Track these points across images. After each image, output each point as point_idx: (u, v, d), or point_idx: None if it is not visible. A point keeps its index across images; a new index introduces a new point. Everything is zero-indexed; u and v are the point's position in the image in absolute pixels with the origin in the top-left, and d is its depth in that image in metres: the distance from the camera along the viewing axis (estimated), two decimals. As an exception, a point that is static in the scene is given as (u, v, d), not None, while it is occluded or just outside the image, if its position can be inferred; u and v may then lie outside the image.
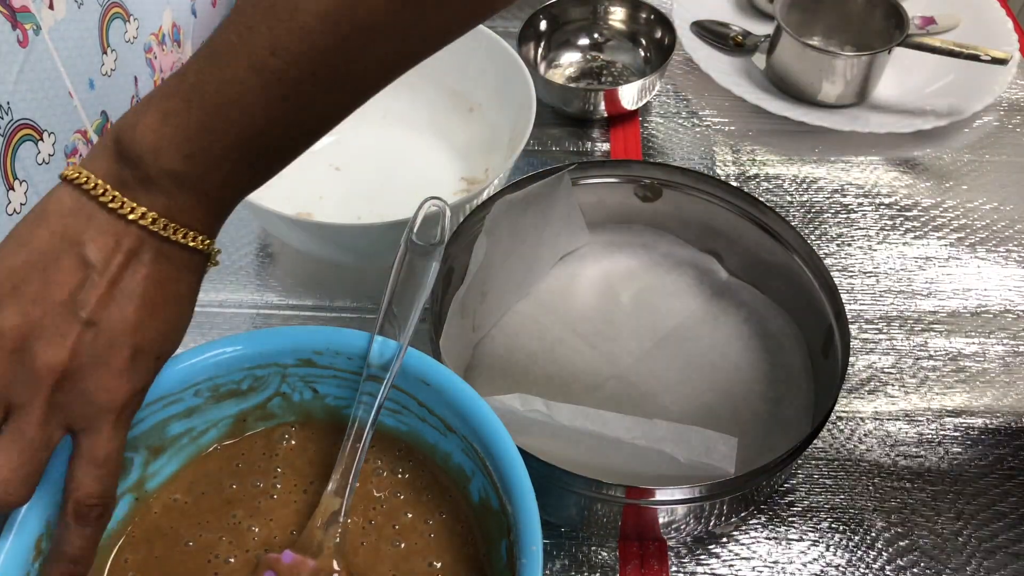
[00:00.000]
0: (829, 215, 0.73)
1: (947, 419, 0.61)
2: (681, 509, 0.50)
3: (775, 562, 0.54)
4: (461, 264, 0.58)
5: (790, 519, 0.56)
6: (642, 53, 0.84)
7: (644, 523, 0.52)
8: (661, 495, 0.48)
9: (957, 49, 0.77)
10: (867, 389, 0.62)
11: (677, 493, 0.48)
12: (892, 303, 0.67)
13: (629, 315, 0.63)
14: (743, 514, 0.55)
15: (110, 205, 0.37)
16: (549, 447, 0.49)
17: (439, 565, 0.45)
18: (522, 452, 0.45)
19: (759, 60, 0.83)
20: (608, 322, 0.63)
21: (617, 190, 0.64)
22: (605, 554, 0.54)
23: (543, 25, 0.83)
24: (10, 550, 0.38)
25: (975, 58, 0.77)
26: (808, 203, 0.74)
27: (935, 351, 0.64)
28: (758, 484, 0.50)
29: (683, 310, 0.63)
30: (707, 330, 0.62)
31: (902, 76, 0.82)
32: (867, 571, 0.54)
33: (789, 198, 0.74)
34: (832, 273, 0.57)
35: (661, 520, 0.51)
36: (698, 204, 0.63)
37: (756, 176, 0.76)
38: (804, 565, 0.54)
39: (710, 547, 0.55)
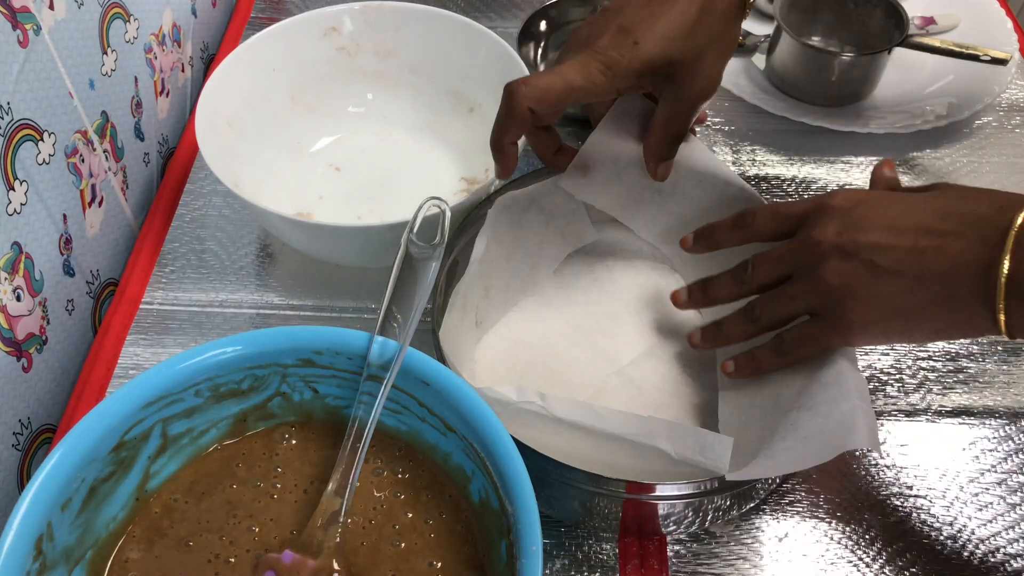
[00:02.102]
0: (829, 215, 0.73)
1: (946, 419, 0.61)
2: (681, 504, 0.50)
3: (775, 562, 0.54)
4: (465, 258, 0.58)
5: (790, 519, 0.56)
6: (642, 53, 0.84)
7: (644, 517, 0.52)
8: (662, 490, 0.48)
9: (957, 49, 0.77)
10: (867, 389, 0.62)
11: (677, 489, 0.48)
12: (892, 303, 0.67)
13: (632, 313, 0.63)
14: (743, 511, 0.55)
15: None
16: (543, 438, 0.49)
17: (439, 565, 0.45)
18: (523, 447, 0.45)
19: (759, 60, 0.83)
20: (611, 319, 0.63)
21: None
22: (605, 554, 0.54)
23: (543, 25, 0.83)
24: (10, 550, 0.38)
25: (975, 58, 0.77)
26: (808, 203, 0.74)
27: (934, 351, 0.64)
28: (757, 483, 0.50)
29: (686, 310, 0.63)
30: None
31: (902, 76, 0.82)
32: (867, 571, 0.54)
33: (789, 198, 0.74)
34: (832, 273, 0.57)
35: (661, 512, 0.51)
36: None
37: (756, 176, 0.76)
38: (804, 565, 0.54)
39: (710, 547, 0.55)
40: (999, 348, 0.65)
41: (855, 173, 0.76)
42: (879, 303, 0.48)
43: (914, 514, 0.56)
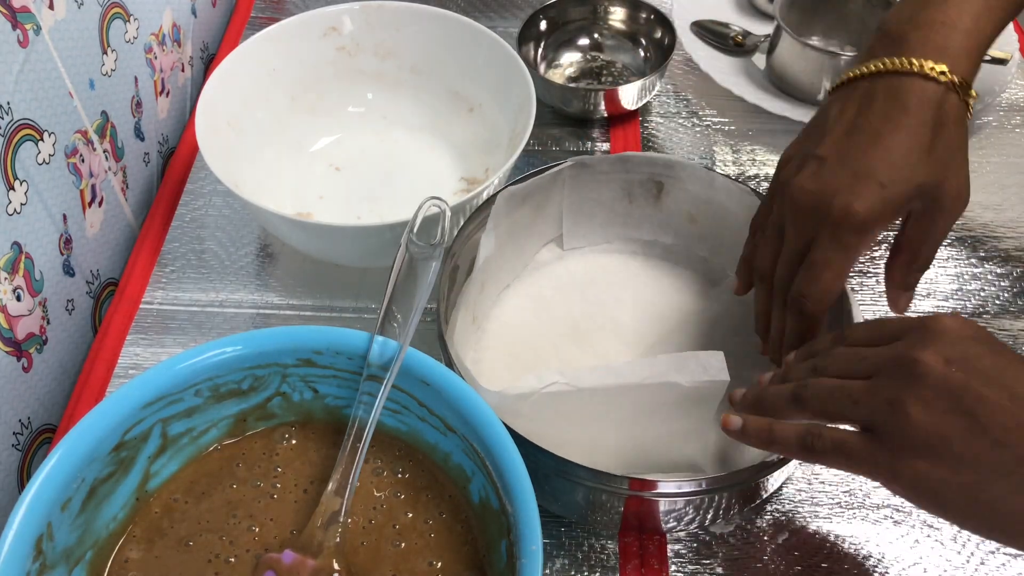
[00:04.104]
0: (829, 215, 0.73)
1: (947, 419, 0.61)
2: (682, 501, 0.50)
3: (775, 563, 0.54)
4: (465, 261, 0.58)
5: (790, 519, 0.56)
6: (642, 53, 0.84)
7: (645, 514, 0.52)
8: (664, 488, 0.48)
9: (957, 49, 0.77)
10: (867, 389, 0.62)
11: (677, 487, 0.48)
12: (892, 303, 0.67)
13: (631, 311, 0.63)
14: (744, 510, 0.55)
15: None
16: (565, 428, 0.50)
17: (439, 565, 0.45)
18: (528, 444, 0.46)
19: (759, 60, 0.83)
20: (610, 319, 0.63)
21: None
22: (605, 553, 0.54)
23: (543, 25, 0.83)
24: (10, 550, 0.38)
25: (975, 58, 0.76)
26: (808, 203, 0.74)
27: (935, 351, 0.64)
28: (758, 480, 0.50)
29: (685, 306, 0.63)
30: (708, 327, 0.62)
31: (902, 76, 0.82)
32: (867, 571, 0.54)
33: (789, 198, 0.74)
34: (832, 273, 0.57)
35: (662, 509, 0.51)
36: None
37: (756, 176, 0.76)
38: (804, 565, 0.54)
39: (710, 546, 0.55)
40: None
41: (855, 173, 0.76)
42: (957, 470, 0.38)
43: (914, 514, 0.56)
